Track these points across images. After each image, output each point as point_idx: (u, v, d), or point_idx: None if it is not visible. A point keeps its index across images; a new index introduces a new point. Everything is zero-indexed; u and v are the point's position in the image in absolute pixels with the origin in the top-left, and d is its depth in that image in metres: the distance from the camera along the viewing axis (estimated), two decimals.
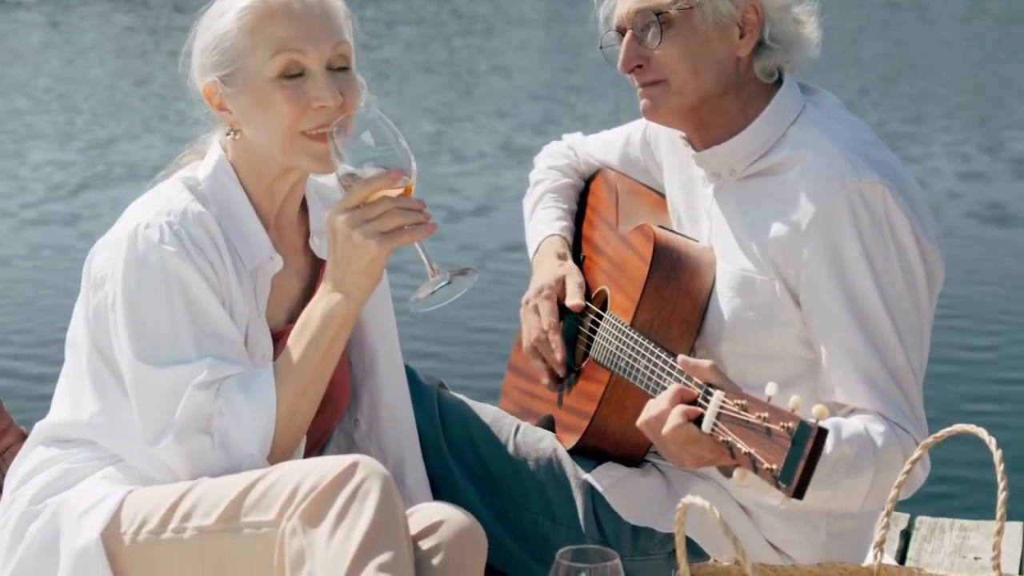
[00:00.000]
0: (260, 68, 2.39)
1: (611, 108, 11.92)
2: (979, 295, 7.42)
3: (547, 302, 2.79)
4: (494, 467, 2.72)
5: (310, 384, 2.36)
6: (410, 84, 13.69)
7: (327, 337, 2.35)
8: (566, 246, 2.91)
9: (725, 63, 2.55)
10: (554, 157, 3.07)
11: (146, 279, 2.35)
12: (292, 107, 2.38)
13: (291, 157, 2.41)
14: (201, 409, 2.33)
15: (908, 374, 2.45)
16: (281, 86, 2.38)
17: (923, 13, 19.18)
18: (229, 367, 2.35)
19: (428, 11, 19.78)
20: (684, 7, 2.51)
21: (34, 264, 8.08)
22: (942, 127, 11.55)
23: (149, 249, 2.35)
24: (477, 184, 9.69)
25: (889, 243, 2.45)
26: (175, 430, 2.33)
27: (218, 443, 2.33)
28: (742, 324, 2.54)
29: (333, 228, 2.32)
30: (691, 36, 2.53)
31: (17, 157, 10.73)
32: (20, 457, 2.54)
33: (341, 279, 2.33)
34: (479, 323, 6.86)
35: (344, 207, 2.31)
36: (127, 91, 13.63)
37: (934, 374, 2.92)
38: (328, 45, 2.40)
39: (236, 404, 2.33)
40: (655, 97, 2.57)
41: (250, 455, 2.34)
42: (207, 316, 2.36)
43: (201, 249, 2.38)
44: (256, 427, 2.33)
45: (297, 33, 2.38)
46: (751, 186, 2.58)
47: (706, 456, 2.17)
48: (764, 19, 2.55)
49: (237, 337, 2.39)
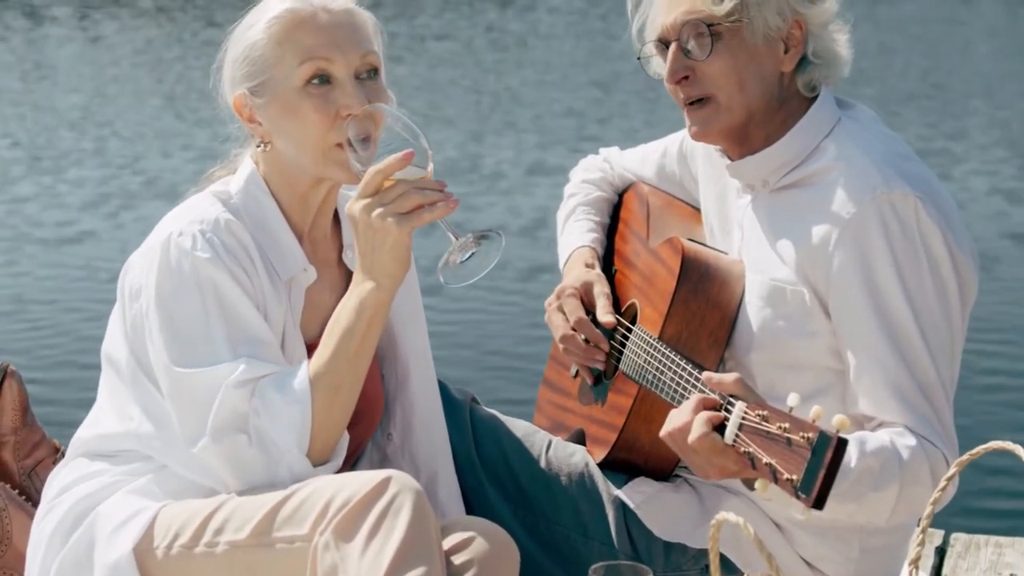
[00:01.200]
0: (288, 77, 2.40)
1: (644, 123, 11.89)
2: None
3: (572, 299, 2.79)
4: (526, 482, 2.72)
5: (345, 378, 2.35)
6: (441, 100, 13.71)
7: (360, 328, 2.34)
8: (595, 257, 2.91)
9: (770, 78, 2.55)
10: (589, 171, 3.07)
11: (180, 285, 2.36)
12: (320, 115, 2.39)
13: (323, 168, 2.42)
14: (237, 408, 2.33)
15: (938, 388, 2.44)
16: (309, 94, 2.40)
17: (955, 29, 19.14)
18: (264, 367, 2.35)
19: (459, 26, 19.83)
20: (735, 20, 2.52)
21: (62, 283, 8.11)
22: (980, 144, 11.46)
23: (182, 256, 2.37)
24: (506, 204, 9.64)
25: (921, 255, 2.44)
26: (211, 430, 2.33)
27: (255, 441, 2.33)
28: (772, 334, 2.53)
29: (353, 218, 2.31)
30: (740, 49, 2.53)
31: (54, 173, 10.80)
32: (60, 468, 2.56)
33: (369, 268, 2.32)
34: (517, 349, 6.77)
35: (361, 195, 2.31)
36: (160, 107, 13.70)
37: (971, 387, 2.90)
38: (356, 54, 2.41)
39: (271, 401, 2.33)
40: (705, 119, 2.57)
41: (288, 451, 2.33)
42: (241, 319, 2.37)
43: (234, 256, 2.39)
44: (292, 423, 2.32)
45: (324, 41, 2.40)
46: (784, 198, 2.58)
47: (730, 467, 2.17)
48: (807, 34, 2.55)
49: (272, 339, 2.40)
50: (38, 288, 8.01)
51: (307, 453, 2.34)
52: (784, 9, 2.53)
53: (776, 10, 2.52)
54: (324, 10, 2.43)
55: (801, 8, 2.54)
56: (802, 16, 2.54)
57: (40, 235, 9.06)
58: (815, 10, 2.55)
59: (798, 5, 2.54)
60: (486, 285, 7.73)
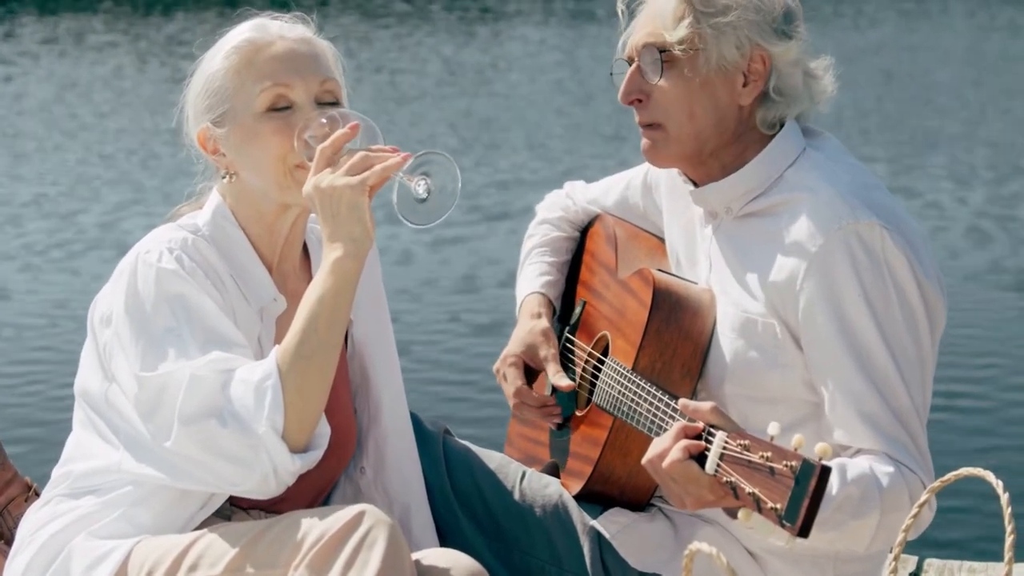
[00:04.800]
0: (248, 104, 2.42)
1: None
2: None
3: (512, 369, 2.84)
4: (500, 513, 2.72)
5: (316, 349, 2.32)
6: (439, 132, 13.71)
7: (329, 300, 2.32)
8: (543, 303, 2.93)
9: (725, 109, 2.55)
10: (549, 209, 3.08)
11: (148, 298, 2.36)
12: (281, 137, 2.41)
13: (285, 191, 2.44)
14: (206, 394, 2.29)
15: (912, 414, 2.45)
16: (269, 118, 2.42)
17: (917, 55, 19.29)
18: (235, 359, 2.33)
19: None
20: (688, 48, 2.53)
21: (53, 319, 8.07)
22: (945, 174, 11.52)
23: (148, 271, 2.37)
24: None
25: (888, 284, 2.45)
26: (180, 416, 2.29)
27: (231, 426, 2.28)
28: (745, 366, 2.54)
29: (309, 195, 2.33)
30: (692, 77, 2.53)
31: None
32: (38, 507, 2.53)
33: (332, 235, 2.32)
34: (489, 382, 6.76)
35: (314, 172, 2.33)
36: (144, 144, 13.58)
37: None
38: (315, 80, 2.44)
39: (240, 385, 2.30)
40: (655, 141, 2.59)
41: (265, 435, 2.28)
42: (211, 322, 2.36)
43: (203, 272, 2.39)
44: (263, 401, 2.28)
45: (283, 68, 2.43)
46: (748, 226, 2.58)
47: (706, 497, 2.17)
48: (771, 70, 2.55)
49: (244, 342, 2.38)
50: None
51: (283, 435, 2.29)
52: (744, 43, 2.52)
53: (735, 43, 2.52)
54: (282, 38, 2.46)
55: (765, 44, 2.53)
56: (766, 52, 2.54)
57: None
58: (782, 47, 2.54)
59: (762, 40, 2.53)
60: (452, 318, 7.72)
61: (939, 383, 2.66)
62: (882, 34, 21.28)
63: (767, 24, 2.54)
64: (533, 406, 2.82)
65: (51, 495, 2.52)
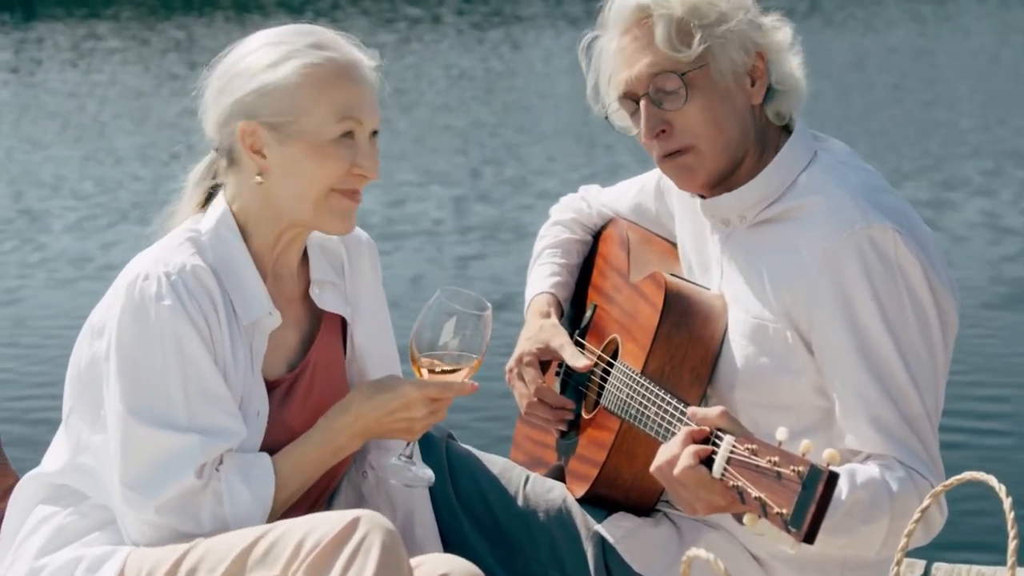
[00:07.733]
0: (321, 126, 2.41)
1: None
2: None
3: (529, 369, 2.82)
4: (503, 518, 2.71)
5: (302, 487, 2.46)
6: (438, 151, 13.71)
7: (327, 462, 2.47)
8: (552, 303, 2.92)
9: (744, 113, 2.56)
10: (562, 211, 3.07)
11: (141, 334, 2.37)
12: (340, 165, 2.42)
13: (318, 213, 2.44)
14: (190, 497, 2.35)
15: (923, 420, 2.44)
16: (337, 145, 2.42)
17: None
18: (218, 444, 2.36)
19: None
20: (702, 64, 2.52)
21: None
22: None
23: (146, 302, 2.37)
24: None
25: (901, 288, 2.44)
26: (157, 504, 2.35)
27: (209, 522, 2.36)
28: (755, 372, 2.53)
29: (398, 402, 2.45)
30: (712, 92, 2.54)
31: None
32: (20, 511, 2.53)
33: (365, 431, 2.46)
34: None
35: (421, 394, 2.44)
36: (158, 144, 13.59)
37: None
38: (377, 116, 2.47)
39: (236, 493, 2.37)
40: (689, 167, 2.57)
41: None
42: (199, 372, 2.37)
43: (198, 303, 2.39)
44: (252, 517, 2.38)
45: (359, 101, 2.44)
46: (761, 233, 2.57)
47: (717, 502, 2.16)
48: (769, 63, 2.58)
49: (227, 395, 2.40)
50: None
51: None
52: (747, 43, 2.55)
53: (739, 46, 2.54)
54: (356, 66, 2.46)
55: (760, 39, 2.57)
56: (762, 47, 2.56)
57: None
58: (772, 39, 2.58)
59: (757, 37, 2.56)
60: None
61: (951, 387, 2.65)
62: (896, 38, 21.26)
63: (755, 20, 2.57)
64: (553, 405, 2.80)
65: (36, 500, 2.51)
